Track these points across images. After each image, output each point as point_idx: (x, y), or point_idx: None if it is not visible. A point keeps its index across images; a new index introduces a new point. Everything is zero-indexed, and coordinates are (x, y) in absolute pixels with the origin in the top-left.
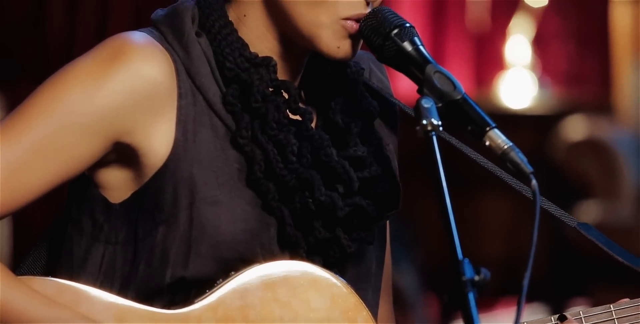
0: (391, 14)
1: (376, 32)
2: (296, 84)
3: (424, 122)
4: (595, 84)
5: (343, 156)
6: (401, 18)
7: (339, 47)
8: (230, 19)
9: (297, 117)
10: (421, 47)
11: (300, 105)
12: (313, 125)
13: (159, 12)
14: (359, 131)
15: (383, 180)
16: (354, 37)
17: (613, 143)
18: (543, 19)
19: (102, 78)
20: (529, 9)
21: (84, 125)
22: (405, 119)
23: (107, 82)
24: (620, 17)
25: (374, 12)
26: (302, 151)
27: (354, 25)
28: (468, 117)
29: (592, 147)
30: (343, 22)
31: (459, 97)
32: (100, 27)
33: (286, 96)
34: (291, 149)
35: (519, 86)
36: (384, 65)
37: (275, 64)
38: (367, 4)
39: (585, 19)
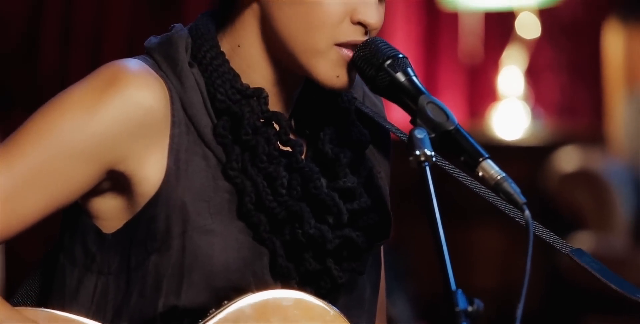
0: (384, 45)
1: (369, 63)
2: (289, 113)
3: (417, 152)
4: (588, 115)
5: (333, 187)
6: (394, 49)
7: (337, 77)
8: (223, 49)
9: (288, 149)
10: (414, 78)
11: (291, 136)
12: (304, 154)
13: (153, 40)
14: (348, 162)
15: (373, 211)
16: (351, 67)
17: (606, 174)
18: (536, 50)
19: (96, 105)
20: (521, 41)
21: (78, 152)
22: (398, 149)
23: (102, 109)
24: (612, 48)
25: (367, 43)
26: (292, 183)
27: (349, 54)
28: (461, 147)
29: (585, 178)
30: (339, 49)
31: (452, 127)
32: (93, 59)
33: (277, 127)
34: (281, 182)
35: (511, 117)
36: None
37: (267, 96)
38: (365, 32)
39: (578, 50)
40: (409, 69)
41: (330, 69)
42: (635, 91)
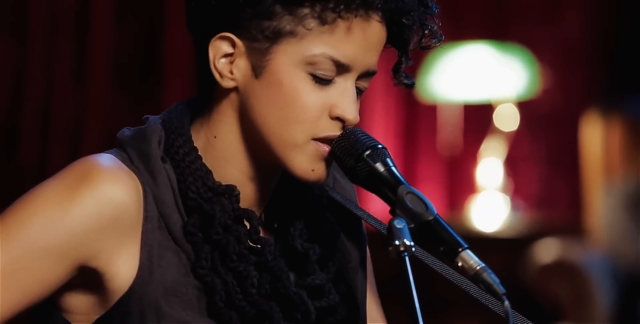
0: (363, 135)
1: (348, 153)
2: (264, 206)
3: (397, 242)
4: (567, 207)
5: (301, 285)
6: (374, 139)
7: (313, 170)
8: (198, 141)
9: (258, 245)
10: (393, 168)
11: (262, 234)
12: (275, 249)
13: (126, 132)
14: (318, 258)
15: (342, 306)
16: (327, 160)
17: (585, 266)
18: (514, 142)
19: (69, 202)
20: (500, 133)
21: (50, 250)
22: (377, 240)
23: (74, 206)
24: (591, 140)
25: (346, 134)
26: (262, 281)
27: (326, 148)
28: (440, 238)
29: (564, 269)
30: (316, 143)
31: (431, 218)
32: (72, 152)
33: (247, 224)
34: (251, 281)
35: (490, 209)
36: None
37: (238, 193)
38: (343, 127)
39: (557, 142)
40: (388, 160)
41: (306, 163)
42: (613, 182)
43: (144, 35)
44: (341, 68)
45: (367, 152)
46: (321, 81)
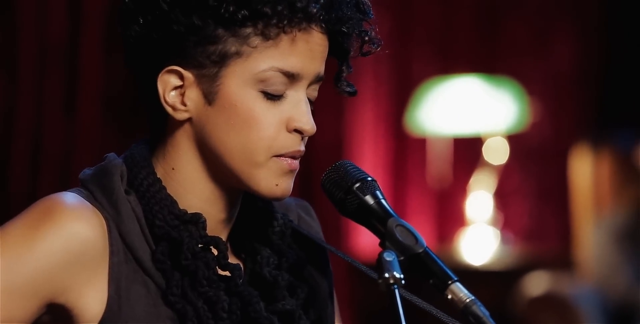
0: (353, 168)
1: (338, 186)
2: (227, 234)
3: (386, 275)
4: (556, 240)
5: (272, 310)
6: (363, 172)
7: (277, 185)
8: (158, 175)
9: (227, 273)
10: (383, 201)
11: (230, 260)
12: (243, 277)
13: (87, 172)
14: (286, 284)
15: None
16: (289, 174)
17: (574, 299)
18: (504, 175)
19: (33, 240)
20: (489, 166)
21: (17, 288)
22: (364, 276)
23: (39, 243)
24: (580, 174)
25: (336, 167)
26: (232, 307)
27: (290, 163)
28: (430, 270)
29: (553, 303)
30: (278, 159)
31: (420, 250)
32: (62, 183)
33: (215, 251)
34: (221, 306)
35: (480, 242)
36: (313, 211)
37: (205, 221)
38: (302, 138)
39: (546, 175)
40: (378, 192)
41: (269, 178)
42: (602, 216)
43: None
44: (291, 78)
45: (357, 185)
46: (273, 98)
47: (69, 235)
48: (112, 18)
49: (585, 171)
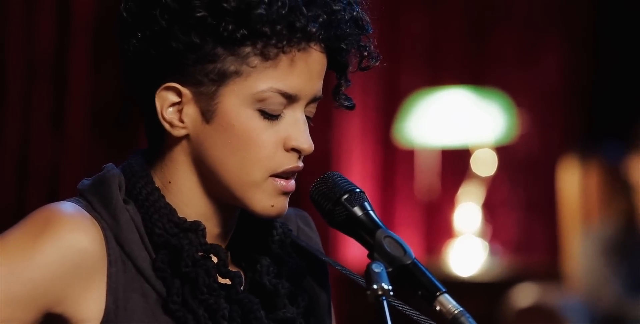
0: (341, 180)
1: (326, 198)
2: (226, 245)
3: (375, 287)
4: (544, 251)
5: (273, 318)
6: (351, 183)
7: (272, 206)
8: (156, 185)
9: (227, 281)
10: (371, 212)
11: (230, 268)
12: (243, 285)
13: (85, 182)
14: (287, 292)
15: None
16: (284, 194)
17: (562, 310)
18: (492, 187)
19: (31, 250)
20: (477, 177)
21: (15, 298)
22: (354, 286)
23: (37, 253)
24: (568, 185)
25: (324, 178)
26: (233, 315)
27: (283, 183)
28: (418, 282)
29: (541, 314)
30: (274, 180)
31: (409, 262)
32: (50, 199)
33: (215, 259)
34: (222, 314)
35: (468, 254)
36: (312, 222)
37: (204, 228)
38: (299, 157)
39: (534, 187)
40: (366, 204)
41: (265, 200)
42: (591, 228)
43: (122, 81)
44: (290, 99)
45: (345, 197)
46: (271, 117)
47: (67, 245)
48: (100, 32)
49: (573, 182)
